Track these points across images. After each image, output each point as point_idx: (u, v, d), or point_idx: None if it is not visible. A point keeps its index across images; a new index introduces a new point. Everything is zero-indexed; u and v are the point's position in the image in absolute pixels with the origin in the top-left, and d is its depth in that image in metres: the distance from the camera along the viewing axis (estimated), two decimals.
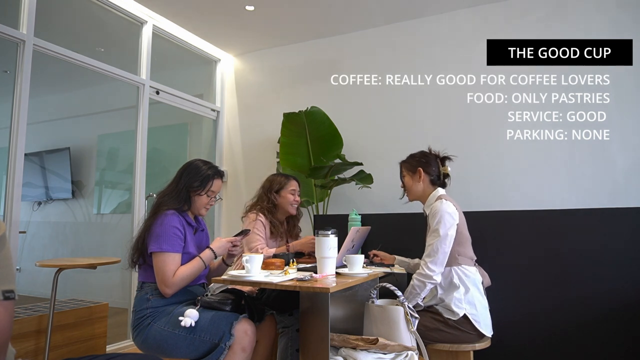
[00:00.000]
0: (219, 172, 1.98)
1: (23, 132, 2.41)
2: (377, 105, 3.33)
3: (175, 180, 1.95)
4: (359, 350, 1.63)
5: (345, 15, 3.23)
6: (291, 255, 2.01)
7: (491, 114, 2.94)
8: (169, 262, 1.74)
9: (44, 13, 2.59)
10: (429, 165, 2.13)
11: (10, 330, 0.84)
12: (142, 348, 1.75)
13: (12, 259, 0.88)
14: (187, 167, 1.96)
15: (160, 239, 1.75)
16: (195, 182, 1.90)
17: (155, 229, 1.78)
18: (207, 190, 1.92)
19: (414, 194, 2.16)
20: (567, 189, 2.68)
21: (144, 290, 1.80)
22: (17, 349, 1.24)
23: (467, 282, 1.95)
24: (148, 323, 1.72)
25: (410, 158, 2.20)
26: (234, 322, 1.65)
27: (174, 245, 1.76)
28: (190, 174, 1.93)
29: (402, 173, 2.21)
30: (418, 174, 2.12)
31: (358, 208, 2.95)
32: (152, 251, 1.75)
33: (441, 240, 1.90)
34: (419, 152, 2.21)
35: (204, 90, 4.00)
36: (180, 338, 1.66)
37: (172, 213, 1.83)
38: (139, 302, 1.79)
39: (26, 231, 4.42)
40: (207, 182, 1.92)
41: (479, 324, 1.92)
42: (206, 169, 1.94)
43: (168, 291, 1.73)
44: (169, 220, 1.79)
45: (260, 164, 3.74)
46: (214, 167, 1.98)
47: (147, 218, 1.88)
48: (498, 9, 3.00)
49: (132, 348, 2.94)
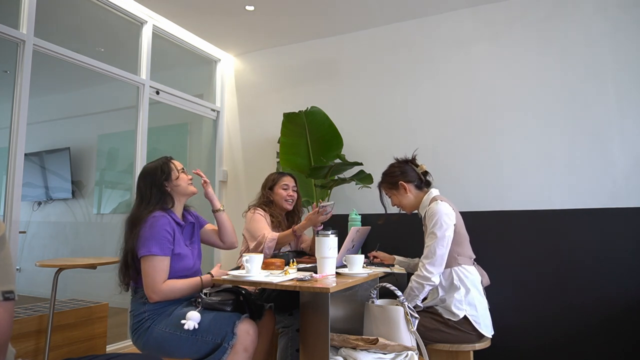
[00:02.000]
0: (167, 156, 1.96)
1: (23, 132, 2.41)
2: (377, 105, 3.33)
3: (140, 192, 1.88)
4: (359, 350, 1.63)
5: (345, 15, 3.23)
6: (291, 255, 2.01)
7: (491, 114, 2.94)
8: (159, 267, 1.70)
9: (44, 13, 2.59)
10: (406, 174, 2.11)
11: (10, 330, 0.84)
12: (144, 349, 1.74)
13: (12, 259, 0.88)
14: (143, 174, 1.90)
15: (148, 242, 1.71)
16: (157, 175, 1.85)
17: (144, 233, 1.73)
18: (176, 171, 1.89)
19: (408, 206, 2.15)
20: (567, 189, 2.68)
21: (139, 294, 1.78)
22: (17, 349, 1.24)
23: (467, 283, 1.95)
24: (148, 326, 1.71)
25: (385, 176, 2.17)
26: (236, 321, 1.65)
27: (164, 248, 1.72)
28: (148, 176, 1.88)
29: (387, 194, 2.17)
30: (402, 188, 2.10)
31: (358, 208, 2.95)
32: (142, 255, 1.70)
33: (438, 242, 1.90)
34: (389, 167, 2.19)
35: (204, 90, 4.00)
36: (182, 339, 1.65)
37: (161, 215, 1.78)
38: (135, 306, 1.78)
39: (26, 231, 4.42)
40: (168, 165, 1.89)
41: (479, 325, 1.92)
42: (156, 161, 1.92)
43: (155, 297, 1.69)
44: (159, 223, 1.75)
45: (260, 164, 3.74)
46: (161, 157, 1.95)
47: (127, 235, 1.81)
48: (498, 9, 3.00)
49: (132, 348, 2.94)
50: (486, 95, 2.97)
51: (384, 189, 2.18)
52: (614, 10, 2.69)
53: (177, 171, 1.90)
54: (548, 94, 2.80)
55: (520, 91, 2.88)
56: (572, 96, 2.74)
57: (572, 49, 2.77)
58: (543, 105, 2.80)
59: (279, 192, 2.47)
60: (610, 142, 2.61)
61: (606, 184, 2.60)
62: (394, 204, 2.19)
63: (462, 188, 2.96)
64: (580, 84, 2.72)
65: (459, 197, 2.95)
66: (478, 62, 3.03)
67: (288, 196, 2.47)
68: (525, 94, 2.86)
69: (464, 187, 2.96)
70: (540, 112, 2.80)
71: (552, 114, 2.77)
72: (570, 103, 2.73)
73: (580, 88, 2.72)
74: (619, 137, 2.60)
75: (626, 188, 2.55)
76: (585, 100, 2.70)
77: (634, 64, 2.61)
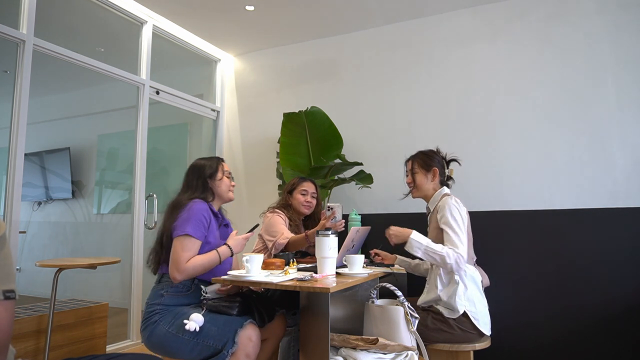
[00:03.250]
0: (221, 157, 2.08)
1: (23, 132, 2.41)
2: (377, 105, 3.33)
3: (186, 182, 1.99)
4: (359, 350, 1.63)
5: (345, 15, 3.23)
6: (291, 255, 2.01)
7: (491, 114, 2.94)
8: (188, 247, 1.74)
9: (44, 13, 2.58)
10: (441, 166, 2.18)
11: (10, 329, 0.84)
12: (147, 343, 1.77)
13: (12, 259, 0.88)
14: (192, 167, 2.01)
15: (185, 223, 1.76)
16: (206, 170, 1.96)
17: (182, 215, 1.79)
18: (222, 172, 1.98)
19: (423, 191, 2.18)
20: (567, 189, 2.68)
21: (161, 285, 1.82)
22: (17, 349, 1.24)
23: (467, 280, 1.96)
24: (155, 320, 1.73)
25: (424, 156, 2.20)
26: (238, 329, 1.63)
27: (198, 231, 1.78)
28: (196, 169, 1.98)
29: (414, 169, 2.19)
30: (432, 173, 2.15)
31: (358, 208, 2.95)
32: (176, 235, 1.75)
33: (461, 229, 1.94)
34: (430, 151, 2.22)
35: (204, 90, 4.00)
36: (183, 342, 1.65)
37: (200, 201, 1.86)
38: (153, 295, 1.82)
39: (26, 231, 4.42)
40: (218, 165, 1.99)
41: (477, 321, 1.93)
42: (209, 159, 2.03)
43: (178, 277, 1.72)
44: (198, 207, 1.82)
45: (260, 164, 3.74)
46: (214, 156, 2.08)
47: (166, 217, 1.88)
48: (498, 9, 3.00)
49: (132, 348, 2.95)
50: (486, 95, 2.97)
51: (415, 164, 2.20)
52: (614, 10, 2.69)
53: (222, 173, 1.99)
54: (548, 94, 2.80)
55: (521, 91, 2.88)
56: (572, 96, 2.74)
57: (572, 49, 2.77)
58: (543, 105, 2.80)
59: (298, 197, 2.49)
60: (610, 142, 2.61)
61: (606, 184, 2.59)
62: (410, 181, 2.21)
63: (462, 188, 2.95)
64: (580, 84, 2.72)
65: (459, 197, 2.92)
66: (478, 62, 3.03)
67: (306, 202, 2.49)
68: (526, 94, 2.86)
69: (464, 187, 2.95)
70: (540, 112, 2.80)
71: (552, 114, 2.77)
72: (570, 103, 2.73)
73: (580, 88, 2.72)
74: (619, 137, 2.60)
75: (626, 188, 2.55)
76: (585, 100, 2.70)
77: (634, 64, 2.61)
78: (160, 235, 1.87)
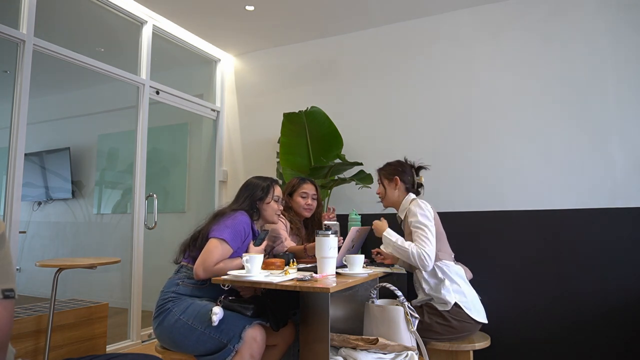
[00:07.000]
0: (276, 179, 2.11)
1: (23, 132, 2.41)
2: (377, 105, 3.33)
3: (237, 197, 2.05)
4: (359, 350, 1.63)
5: (345, 15, 3.23)
6: (291, 255, 2.01)
7: (491, 114, 2.94)
8: (220, 250, 1.79)
9: (44, 13, 2.58)
10: (404, 174, 2.26)
11: (10, 329, 0.84)
12: (156, 331, 1.80)
13: (12, 258, 0.88)
14: (246, 184, 2.08)
15: (225, 229, 1.82)
16: (257, 192, 2.01)
17: (225, 221, 1.86)
18: (272, 196, 2.03)
19: (389, 200, 2.29)
20: (567, 189, 2.68)
21: (178, 275, 1.87)
22: (17, 349, 1.24)
23: (451, 275, 2.03)
24: (168, 308, 1.77)
25: (387, 166, 2.33)
26: (246, 325, 1.65)
27: (234, 240, 1.83)
28: (249, 188, 2.05)
29: (381, 180, 2.32)
30: (394, 182, 2.25)
31: (358, 208, 2.95)
32: (213, 236, 1.80)
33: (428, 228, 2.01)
34: (395, 161, 2.33)
35: (204, 90, 4.00)
36: (191, 330, 1.69)
37: (245, 214, 1.93)
38: (168, 284, 1.86)
39: (26, 231, 4.42)
40: (269, 189, 2.04)
41: (470, 310, 1.98)
42: (264, 179, 2.09)
43: (202, 275, 1.76)
44: (241, 218, 1.89)
45: (260, 164, 3.74)
46: (270, 177, 2.11)
47: (208, 221, 1.93)
48: (498, 9, 3.00)
49: (132, 348, 2.95)
50: (486, 95, 2.97)
51: (381, 175, 2.34)
52: (614, 9, 2.69)
53: (272, 197, 2.04)
54: (548, 93, 2.80)
55: (520, 91, 2.88)
56: (572, 96, 2.74)
57: (572, 49, 2.77)
58: (543, 105, 2.80)
59: (298, 200, 2.44)
60: (610, 142, 2.61)
61: (606, 184, 2.60)
62: (378, 192, 2.34)
63: (462, 188, 2.96)
64: (580, 84, 2.72)
65: (459, 197, 2.95)
66: (478, 62, 3.03)
67: (306, 205, 2.44)
68: (525, 94, 2.86)
69: (464, 187, 2.96)
70: (540, 111, 2.80)
71: (552, 114, 2.77)
72: (570, 103, 2.73)
73: (580, 88, 2.72)
74: (619, 137, 2.60)
75: (626, 188, 2.55)
76: (585, 100, 2.70)
77: (634, 64, 2.61)
78: (196, 232, 1.92)
